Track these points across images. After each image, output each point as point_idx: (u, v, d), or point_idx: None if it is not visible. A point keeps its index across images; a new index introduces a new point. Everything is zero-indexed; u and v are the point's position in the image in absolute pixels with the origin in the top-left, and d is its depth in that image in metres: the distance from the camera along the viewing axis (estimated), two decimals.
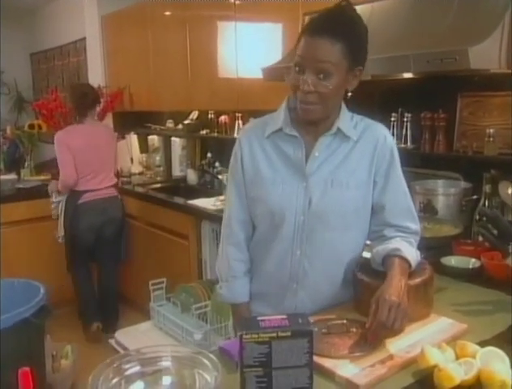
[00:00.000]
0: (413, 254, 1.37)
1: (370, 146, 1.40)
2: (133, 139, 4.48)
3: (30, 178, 4.21)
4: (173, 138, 4.13)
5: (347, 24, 1.27)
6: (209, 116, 3.79)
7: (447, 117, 2.33)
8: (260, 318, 1.01)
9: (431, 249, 1.79)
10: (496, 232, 1.55)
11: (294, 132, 1.38)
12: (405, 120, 2.47)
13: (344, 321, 1.27)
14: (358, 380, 1.06)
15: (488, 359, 1.06)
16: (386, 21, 2.16)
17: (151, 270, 3.40)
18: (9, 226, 3.65)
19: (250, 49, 3.01)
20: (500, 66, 1.80)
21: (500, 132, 2.15)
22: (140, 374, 0.97)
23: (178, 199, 3.41)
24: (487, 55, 1.75)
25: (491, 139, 2.15)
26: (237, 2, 3.03)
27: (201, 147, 4.03)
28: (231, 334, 1.98)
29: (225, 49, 3.20)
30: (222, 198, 3.12)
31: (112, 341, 2.60)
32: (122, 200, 3.62)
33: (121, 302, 3.74)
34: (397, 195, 1.43)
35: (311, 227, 1.38)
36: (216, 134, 3.74)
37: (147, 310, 2.71)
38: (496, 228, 1.55)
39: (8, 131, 4.59)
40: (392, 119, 2.48)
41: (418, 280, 1.34)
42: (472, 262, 1.78)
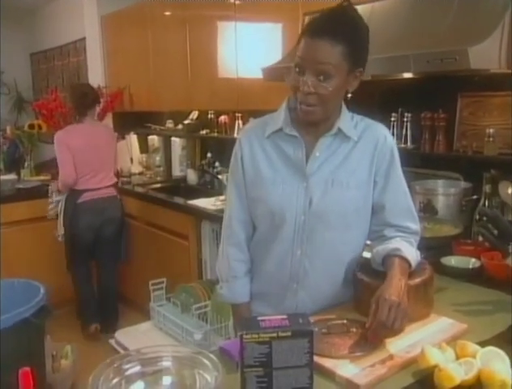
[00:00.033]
0: (413, 254, 1.37)
1: (370, 146, 1.40)
2: (133, 139, 4.49)
3: (30, 178, 4.21)
4: (173, 138, 4.13)
5: (348, 26, 1.26)
6: (209, 116, 3.79)
7: (447, 117, 2.33)
8: (260, 318, 1.01)
9: (431, 249, 1.79)
10: (496, 232, 1.55)
11: (294, 132, 1.38)
12: (405, 120, 2.47)
13: (344, 321, 1.27)
14: (358, 380, 1.06)
15: (488, 359, 1.06)
16: (386, 21, 2.16)
17: (151, 270, 3.40)
18: (9, 226, 3.65)
19: (250, 49, 3.01)
20: (500, 66, 1.80)
21: (500, 132, 2.15)
22: (140, 374, 0.97)
23: (178, 199, 3.41)
24: (487, 55, 1.75)
25: (491, 139, 2.15)
26: (237, 2, 3.03)
27: (201, 147, 4.03)
28: (231, 334, 1.98)
29: (225, 49, 3.20)
30: (222, 198, 3.12)
31: (112, 341, 2.60)
32: (122, 200, 3.62)
33: (121, 302, 3.74)
34: (397, 195, 1.43)
35: (311, 227, 1.38)
36: (216, 134, 3.74)
37: (147, 310, 2.71)
38: (496, 228, 1.55)
39: (8, 131, 4.59)
40: (392, 119, 2.48)
41: (418, 280, 1.35)
42: (472, 262, 1.78)
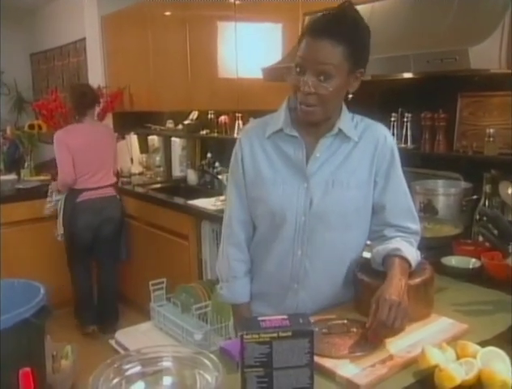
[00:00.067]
0: (413, 254, 1.37)
1: (371, 146, 1.40)
2: (133, 140, 4.49)
3: (30, 179, 4.21)
4: (173, 138, 4.13)
5: (349, 26, 1.26)
6: (209, 116, 3.79)
7: (447, 117, 2.33)
8: (261, 319, 1.01)
9: (431, 249, 1.79)
10: (496, 232, 1.56)
11: (294, 133, 1.38)
12: (405, 120, 2.47)
13: (345, 321, 1.27)
14: (359, 380, 1.06)
15: (488, 359, 1.06)
16: (386, 21, 2.16)
17: (152, 270, 3.40)
18: (9, 226, 3.65)
19: (250, 49, 3.01)
20: (500, 66, 1.80)
21: (500, 132, 2.15)
22: (141, 375, 0.97)
23: (178, 199, 3.41)
24: (487, 55, 1.75)
25: (491, 139, 2.15)
26: (237, 2, 3.03)
27: (201, 148, 4.03)
28: (231, 334, 1.98)
29: (225, 49, 3.20)
30: (222, 198, 3.12)
31: (112, 341, 2.61)
32: (121, 200, 3.62)
33: (121, 302, 3.74)
34: (397, 195, 1.43)
35: (312, 227, 1.37)
36: (216, 134, 3.74)
37: (147, 311, 2.72)
38: (496, 228, 1.55)
39: (8, 132, 4.59)
40: (392, 119, 2.48)
41: (418, 280, 1.35)
42: (473, 262, 1.78)
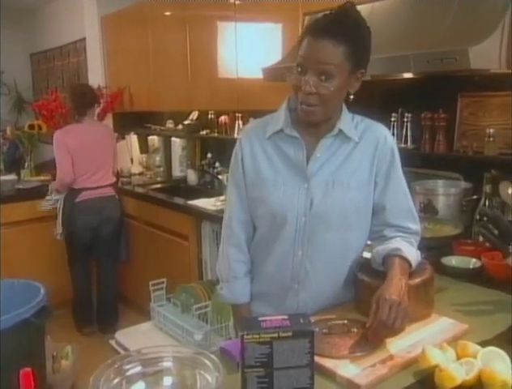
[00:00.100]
0: (413, 254, 1.37)
1: (371, 146, 1.40)
2: (133, 140, 4.49)
3: (30, 179, 4.21)
4: (173, 138, 4.13)
5: (351, 26, 1.26)
6: (209, 116, 3.79)
7: (447, 117, 2.33)
8: (261, 319, 1.01)
9: (431, 249, 1.79)
10: (496, 232, 1.55)
11: (295, 133, 1.38)
12: (405, 120, 2.47)
13: (345, 321, 1.27)
14: (359, 380, 1.06)
15: (489, 359, 1.06)
16: (386, 21, 2.16)
17: (152, 270, 3.40)
18: (9, 227, 3.65)
19: (250, 50, 3.01)
20: (500, 66, 1.80)
21: (500, 132, 2.15)
22: (141, 375, 0.97)
23: (178, 200, 3.41)
24: (487, 55, 1.75)
25: (491, 139, 2.15)
26: (237, 2, 3.03)
27: (201, 148, 4.03)
28: (231, 334, 1.98)
29: (225, 50, 3.20)
30: (222, 198, 3.12)
31: (112, 342, 2.61)
32: (121, 200, 3.62)
33: (121, 302, 3.74)
34: (397, 196, 1.43)
35: (312, 228, 1.37)
36: (216, 134, 3.74)
37: (148, 311, 2.72)
38: (496, 228, 1.55)
39: (8, 132, 4.59)
40: (392, 119, 2.48)
41: (418, 280, 1.35)
42: (473, 262, 1.78)
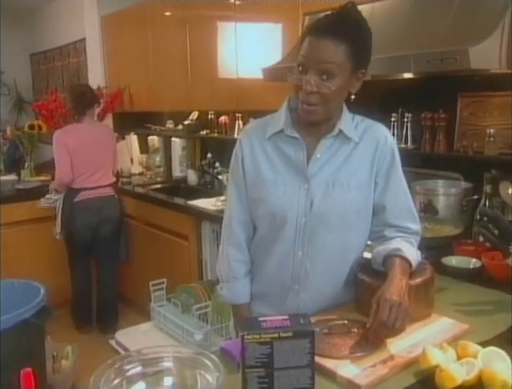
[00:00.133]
0: (414, 254, 1.37)
1: (371, 147, 1.40)
2: (133, 140, 4.48)
3: (30, 179, 4.21)
4: (173, 138, 4.13)
5: (352, 26, 1.27)
6: (209, 116, 3.79)
7: (447, 117, 2.33)
8: (262, 319, 1.01)
9: (432, 249, 1.79)
10: (496, 232, 1.55)
11: (295, 133, 1.37)
12: (405, 120, 2.47)
13: (345, 321, 1.27)
14: (359, 380, 1.06)
15: (489, 359, 1.06)
16: (387, 21, 2.16)
17: (152, 270, 3.40)
18: (9, 227, 3.65)
19: (250, 50, 3.01)
20: (500, 66, 1.80)
21: (500, 132, 2.15)
22: (142, 375, 0.97)
23: (178, 200, 3.41)
24: (487, 55, 1.75)
25: (491, 139, 2.15)
26: (237, 3, 3.03)
27: (201, 148, 4.03)
28: (231, 334, 1.98)
29: (225, 50, 3.20)
30: (222, 198, 3.12)
31: (112, 342, 2.61)
32: (120, 200, 3.62)
33: (121, 303, 3.74)
34: (398, 196, 1.43)
35: (313, 228, 1.37)
36: (216, 134, 3.74)
37: (148, 311, 2.72)
38: (496, 228, 1.55)
39: (8, 132, 4.59)
40: (392, 119, 2.48)
41: (419, 280, 1.34)
42: (473, 262, 1.78)
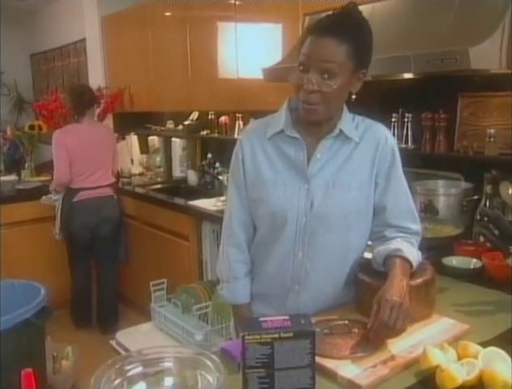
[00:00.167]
0: (414, 255, 1.37)
1: (371, 147, 1.40)
2: (133, 140, 4.48)
3: (30, 179, 4.21)
4: (174, 138, 4.13)
5: (354, 26, 1.27)
6: (209, 116, 3.79)
7: (448, 117, 2.33)
8: (262, 319, 1.01)
9: (432, 249, 1.79)
10: (497, 232, 1.55)
11: (295, 134, 1.38)
12: (406, 120, 2.47)
13: (346, 321, 1.27)
14: (360, 381, 1.06)
15: (490, 359, 1.06)
16: (387, 21, 2.15)
17: (152, 271, 3.40)
18: (9, 227, 3.65)
19: (251, 50, 3.01)
20: (500, 67, 1.80)
21: (500, 132, 2.15)
22: (142, 375, 0.97)
23: (179, 200, 3.41)
24: (487, 55, 1.75)
25: (491, 139, 2.15)
26: (237, 3, 3.03)
27: (201, 148, 4.03)
28: (232, 335, 1.98)
29: (225, 50, 3.20)
30: (222, 198, 3.12)
31: (112, 342, 2.61)
32: (119, 200, 3.62)
33: (121, 303, 3.74)
34: (398, 196, 1.43)
35: (313, 229, 1.37)
36: (217, 134, 3.73)
37: (148, 311, 2.71)
38: (497, 228, 1.55)
39: (8, 132, 4.60)
40: (393, 119, 2.48)
41: (419, 281, 1.34)
42: (473, 262, 1.78)
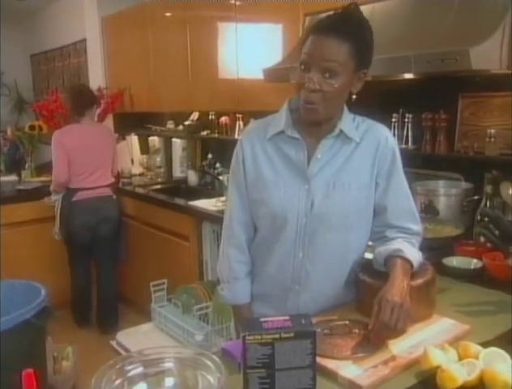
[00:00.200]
0: (415, 255, 1.37)
1: (372, 147, 1.40)
2: (133, 140, 4.49)
3: (30, 179, 4.21)
4: (174, 139, 4.13)
5: (355, 26, 1.28)
6: (210, 117, 3.79)
7: (448, 117, 2.33)
8: (263, 319, 1.01)
9: (433, 249, 1.78)
10: (497, 232, 1.55)
11: (296, 134, 1.38)
12: (406, 121, 2.47)
13: (347, 322, 1.27)
14: (361, 381, 1.06)
15: (490, 360, 1.06)
16: (387, 21, 2.15)
17: (152, 271, 3.40)
18: (9, 227, 3.64)
19: (251, 50, 3.01)
20: (500, 67, 1.80)
21: (501, 132, 2.15)
22: (143, 376, 0.97)
23: (179, 200, 3.41)
24: (488, 56, 1.75)
25: (492, 140, 2.15)
26: (238, 3, 3.03)
27: (201, 148, 4.03)
28: (232, 335, 1.98)
29: (226, 50, 3.20)
30: (223, 199, 3.12)
31: (113, 342, 2.61)
32: (119, 200, 3.62)
33: (121, 303, 3.74)
34: (399, 196, 1.43)
35: (313, 229, 1.37)
36: (217, 135, 3.74)
37: (148, 311, 2.72)
38: (497, 228, 1.55)
39: (8, 132, 4.60)
40: (393, 120, 2.48)
41: (420, 281, 1.34)
42: (474, 262, 1.78)
